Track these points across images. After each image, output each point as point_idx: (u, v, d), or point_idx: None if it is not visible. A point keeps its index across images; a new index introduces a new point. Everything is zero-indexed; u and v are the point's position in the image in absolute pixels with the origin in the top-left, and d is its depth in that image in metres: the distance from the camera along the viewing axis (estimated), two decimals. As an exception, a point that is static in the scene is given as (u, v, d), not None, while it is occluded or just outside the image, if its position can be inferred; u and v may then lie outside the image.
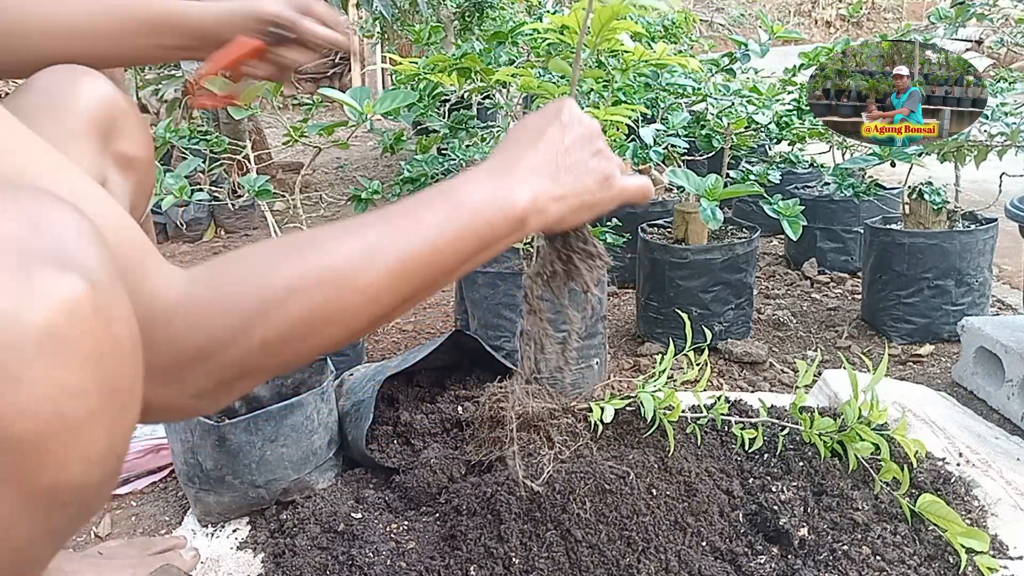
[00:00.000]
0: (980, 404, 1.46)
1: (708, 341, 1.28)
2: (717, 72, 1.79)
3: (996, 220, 1.74)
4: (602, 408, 1.15)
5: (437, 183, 0.62)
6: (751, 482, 1.08)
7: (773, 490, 1.02)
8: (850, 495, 1.02)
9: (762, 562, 0.93)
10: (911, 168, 1.75)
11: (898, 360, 1.70)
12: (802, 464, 1.09)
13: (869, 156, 1.69)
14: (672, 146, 1.73)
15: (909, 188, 1.79)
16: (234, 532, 1.13)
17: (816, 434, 1.09)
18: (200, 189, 1.59)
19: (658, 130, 1.63)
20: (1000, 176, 1.74)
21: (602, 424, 1.14)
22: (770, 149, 2.31)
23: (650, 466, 1.05)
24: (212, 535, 1.13)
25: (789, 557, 0.95)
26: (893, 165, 1.69)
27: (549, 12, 1.76)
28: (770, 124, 1.77)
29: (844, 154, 2.23)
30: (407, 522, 1.06)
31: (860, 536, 0.95)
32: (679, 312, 1.41)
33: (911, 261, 1.73)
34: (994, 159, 1.65)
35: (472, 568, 0.94)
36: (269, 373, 0.53)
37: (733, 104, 1.74)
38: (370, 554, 0.97)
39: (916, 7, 9.59)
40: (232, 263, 0.51)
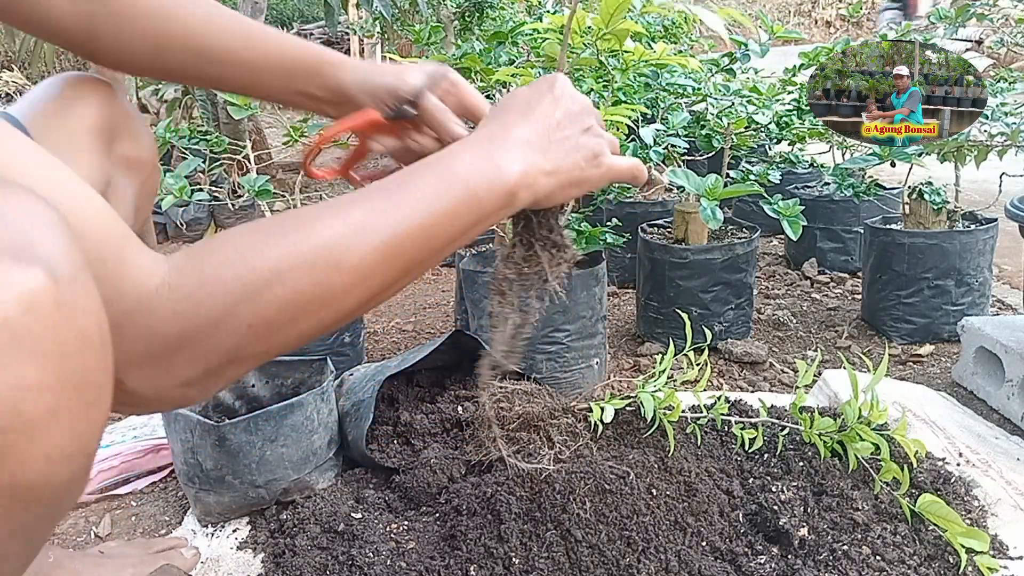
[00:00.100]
0: (980, 404, 1.46)
1: (708, 341, 1.28)
2: (717, 72, 1.79)
3: (996, 220, 1.74)
4: (602, 408, 1.15)
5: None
6: (751, 482, 1.08)
7: (773, 490, 1.02)
8: (850, 495, 1.02)
9: (762, 562, 0.93)
10: (911, 168, 1.75)
11: (898, 360, 1.70)
12: (802, 464, 1.09)
13: (869, 156, 1.69)
14: (672, 146, 1.73)
15: (909, 188, 1.79)
16: (234, 532, 1.13)
17: (816, 434, 1.09)
18: (200, 189, 1.59)
19: (658, 130, 1.62)
20: (1000, 176, 1.74)
21: (602, 424, 1.14)
22: (770, 149, 2.31)
23: (650, 466, 1.05)
24: (212, 535, 1.13)
25: (789, 557, 0.95)
26: (893, 165, 1.69)
27: (549, 12, 1.76)
28: (770, 124, 1.77)
29: (844, 154, 2.24)
30: (407, 522, 1.06)
31: (860, 536, 0.95)
32: (679, 312, 1.41)
33: (911, 261, 1.73)
34: (994, 159, 1.65)
35: (472, 568, 0.94)
36: (259, 359, 0.52)
37: (733, 104, 1.74)
38: (370, 554, 0.97)
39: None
40: (215, 247, 0.50)
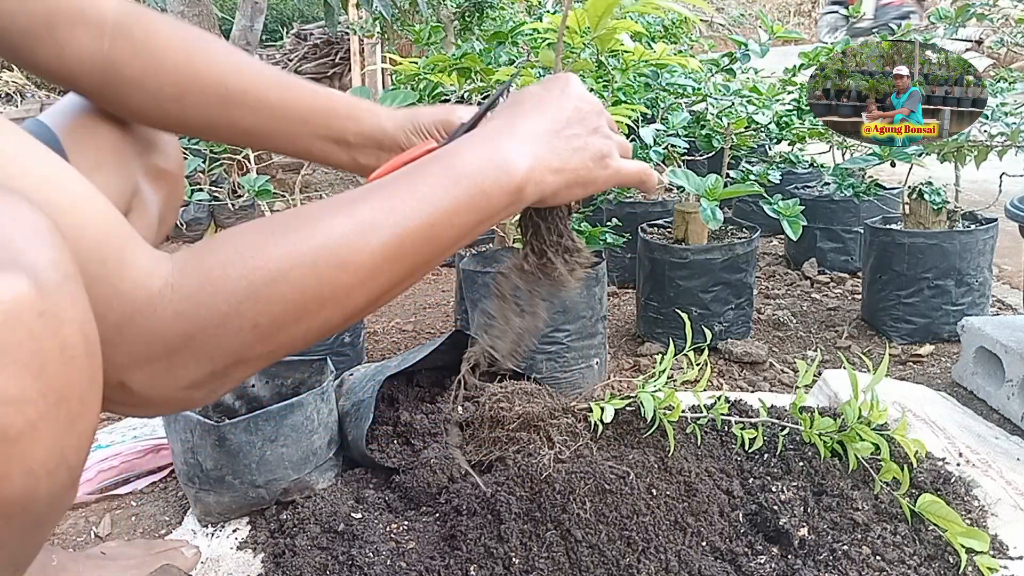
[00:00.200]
0: (980, 404, 1.46)
1: (708, 341, 1.28)
2: (717, 72, 1.79)
3: (996, 220, 1.74)
4: (602, 408, 1.15)
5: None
6: (751, 482, 1.08)
7: (773, 490, 1.02)
8: (850, 495, 1.02)
9: (762, 562, 0.93)
10: (911, 168, 1.75)
11: (898, 360, 1.70)
12: (802, 464, 1.09)
13: (869, 156, 1.70)
14: (672, 146, 1.73)
15: (909, 188, 1.79)
16: (234, 532, 1.13)
17: (816, 434, 1.09)
18: (200, 189, 1.59)
19: (658, 130, 1.63)
20: (1000, 176, 1.74)
21: (602, 424, 1.14)
22: (770, 149, 2.31)
23: (650, 466, 1.05)
24: (212, 535, 1.13)
25: (789, 557, 0.95)
26: (893, 165, 1.69)
27: (549, 12, 1.76)
28: (770, 124, 1.77)
29: (844, 154, 2.24)
30: (407, 522, 1.06)
31: (860, 536, 0.95)
32: (679, 312, 1.41)
33: (911, 261, 1.73)
34: (994, 159, 1.65)
35: (472, 568, 0.94)
36: (265, 360, 0.51)
37: (733, 104, 1.74)
38: (370, 554, 0.97)
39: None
40: (219, 246, 0.49)
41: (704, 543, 0.97)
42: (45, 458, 0.35)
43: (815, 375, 1.33)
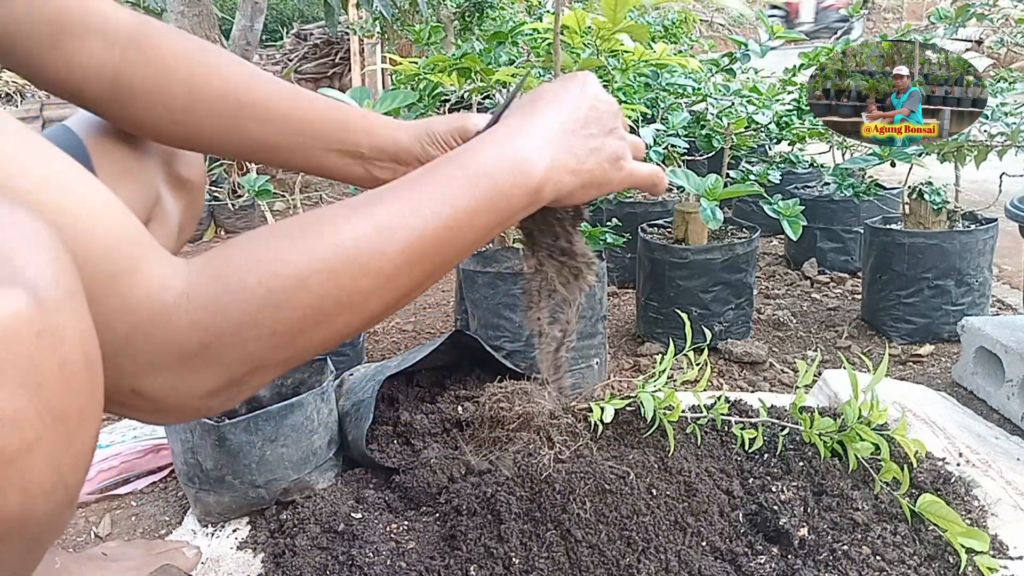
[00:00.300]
0: (980, 404, 1.46)
1: (708, 341, 1.28)
2: (717, 72, 1.79)
3: (996, 220, 1.74)
4: (602, 408, 1.15)
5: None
6: (751, 482, 1.08)
7: (773, 490, 1.02)
8: (850, 495, 1.02)
9: (762, 562, 0.93)
10: (911, 168, 1.75)
11: (898, 360, 1.70)
12: (802, 464, 1.09)
13: (869, 156, 1.70)
14: (672, 146, 1.73)
15: (909, 188, 1.79)
16: (234, 532, 1.13)
17: (816, 434, 1.09)
18: (200, 189, 1.58)
19: (658, 130, 1.63)
20: (1000, 176, 1.74)
21: (602, 424, 1.14)
22: (770, 149, 2.32)
23: (650, 466, 1.05)
24: (212, 535, 1.13)
25: (789, 557, 0.95)
26: (893, 165, 1.69)
27: (549, 12, 1.76)
28: (770, 124, 1.77)
29: (844, 154, 2.24)
30: (407, 522, 1.06)
31: (860, 536, 0.95)
32: (679, 312, 1.41)
33: (911, 261, 1.73)
34: (994, 159, 1.65)
35: (472, 568, 0.94)
36: (282, 367, 0.50)
37: (733, 104, 1.74)
38: (370, 554, 0.97)
39: (916, 7, 9.58)
40: (236, 253, 0.48)
41: (704, 543, 0.97)
42: (42, 478, 0.35)
43: (815, 375, 1.33)
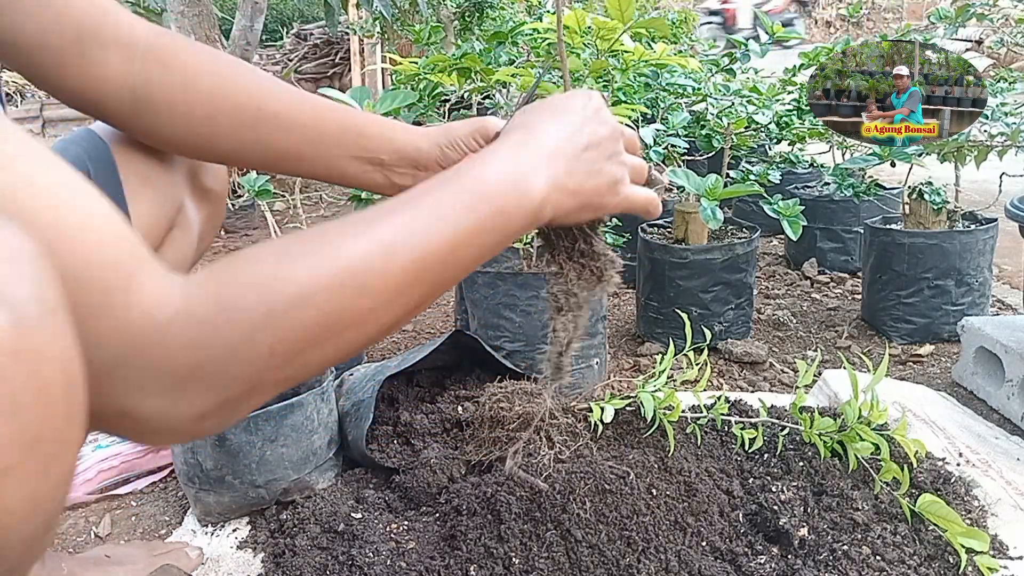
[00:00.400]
0: (980, 404, 1.46)
1: (708, 341, 1.28)
2: (717, 72, 1.79)
3: (996, 220, 1.74)
4: (602, 408, 1.15)
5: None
6: (751, 482, 1.08)
7: (773, 490, 1.02)
8: (850, 495, 1.02)
9: (762, 562, 0.93)
10: (911, 168, 1.75)
11: (898, 360, 1.70)
12: (802, 464, 1.09)
13: (869, 156, 1.70)
14: (672, 146, 1.73)
15: (909, 188, 1.79)
16: (234, 532, 1.13)
17: (816, 434, 1.09)
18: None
19: (658, 130, 1.63)
20: (1000, 176, 1.74)
21: (602, 424, 1.14)
22: (770, 149, 2.31)
23: (650, 466, 1.05)
24: (212, 535, 1.13)
25: (789, 557, 0.95)
26: (893, 165, 1.69)
27: (549, 12, 1.76)
28: (770, 124, 1.77)
29: (844, 154, 2.24)
30: (407, 522, 1.06)
31: (860, 536, 0.96)
32: (679, 312, 1.41)
33: (911, 261, 1.73)
34: (994, 159, 1.65)
35: (472, 568, 0.94)
36: (279, 387, 0.49)
37: (733, 104, 1.74)
38: (370, 554, 0.97)
39: (916, 7, 9.59)
40: (234, 269, 0.47)
41: (704, 543, 0.97)
42: (18, 504, 0.33)
43: (815, 375, 1.33)
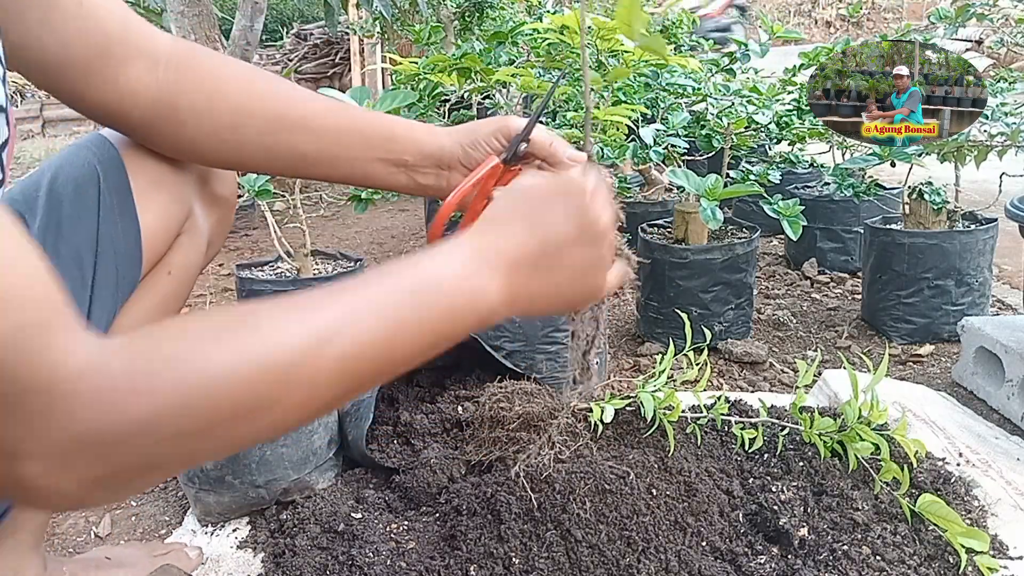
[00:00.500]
0: (980, 404, 1.46)
1: (708, 341, 1.28)
2: (717, 72, 1.79)
3: (996, 220, 1.74)
4: (602, 408, 1.15)
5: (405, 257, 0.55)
6: (751, 482, 1.08)
7: (773, 490, 1.02)
8: (850, 495, 1.02)
9: (762, 562, 0.93)
10: (911, 168, 1.75)
11: (898, 360, 1.70)
12: (802, 464, 1.09)
13: (869, 156, 1.70)
14: (672, 146, 1.73)
15: (909, 188, 1.79)
16: (234, 532, 1.13)
17: (816, 434, 1.09)
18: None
19: (658, 130, 1.63)
20: (1000, 176, 1.74)
21: (602, 424, 1.14)
22: (770, 149, 2.31)
23: (650, 466, 1.05)
24: (212, 535, 1.13)
25: (789, 557, 0.95)
26: (893, 165, 1.69)
27: (549, 12, 1.76)
28: (770, 124, 1.77)
29: (844, 154, 2.23)
30: (407, 522, 1.06)
31: (860, 536, 0.96)
32: (679, 312, 1.41)
33: (911, 261, 1.73)
34: (994, 159, 1.65)
35: (472, 568, 0.94)
36: (181, 467, 0.47)
37: (733, 104, 1.74)
38: (370, 554, 0.97)
39: (916, 7, 9.59)
40: (154, 340, 0.45)
41: (704, 543, 0.97)
42: None
43: (815, 375, 1.33)
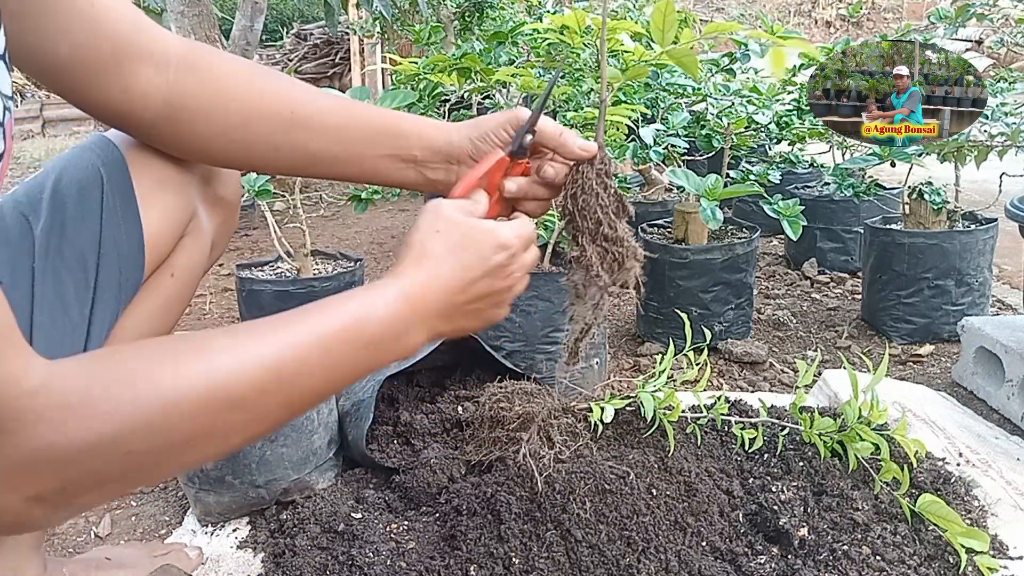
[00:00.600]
0: (980, 404, 1.46)
1: (708, 341, 1.28)
2: (717, 72, 1.79)
3: (996, 220, 1.74)
4: (602, 408, 1.15)
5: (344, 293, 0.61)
6: (751, 482, 1.08)
7: (773, 490, 1.02)
8: (850, 495, 1.02)
9: (762, 562, 0.93)
10: (911, 168, 1.75)
11: (898, 360, 1.70)
12: (802, 464, 1.09)
13: (869, 156, 1.70)
14: (672, 146, 1.73)
15: (909, 188, 1.79)
16: (234, 532, 1.13)
17: (816, 434, 1.09)
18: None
19: (658, 130, 1.63)
20: (1000, 176, 1.74)
21: (602, 424, 1.14)
22: (770, 149, 2.31)
23: (650, 466, 1.05)
24: (212, 535, 1.13)
25: (789, 557, 0.95)
26: (893, 165, 1.69)
27: (549, 12, 1.76)
28: (770, 124, 1.77)
29: (844, 154, 2.24)
30: (407, 522, 1.06)
31: (860, 536, 0.95)
32: (679, 312, 1.41)
33: (911, 261, 1.73)
34: (994, 159, 1.65)
35: (472, 568, 0.94)
36: (125, 488, 0.49)
37: (733, 104, 1.74)
38: (370, 554, 0.97)
39: (916, 7, 9.59)
40: (108, 363, 0.46)
41: (704, 543, 0.97)
42: None
43: (815, 375, 1.33)
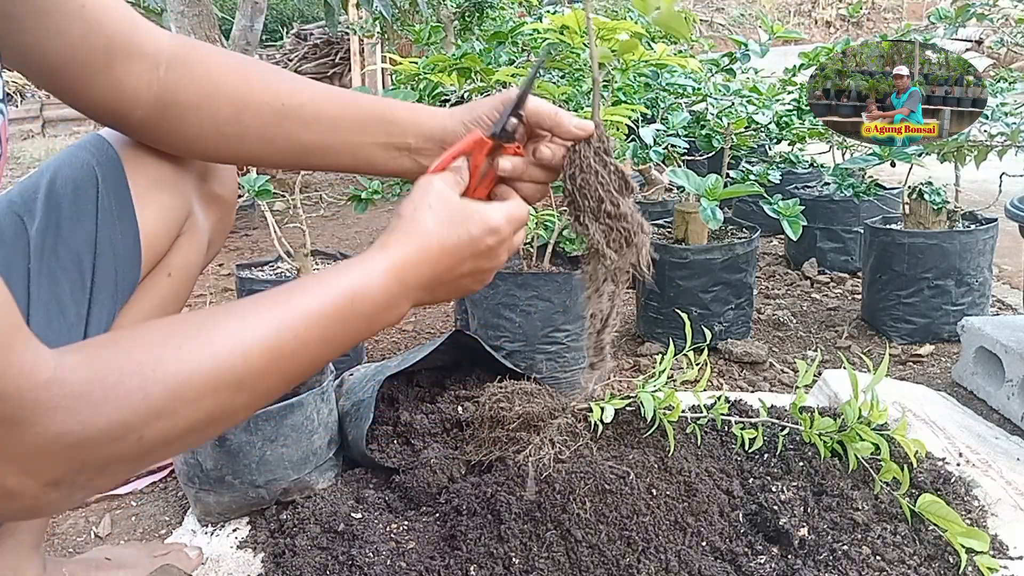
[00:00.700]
0: (980, 404, 1.46)
1: (708, 341, 1.28)
2: (717, 72, 1.79)
3: (996, 220, 1.74)
4: (602, 408, 1.15)
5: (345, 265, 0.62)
6: (751, 482, 1.08)
7: (773, 490, 1.02)
8: (850, 495, 1.02)
9: (762, 562, 0.93)
10: (911, 168, 1.75)
11: (898, 360, 1.70)
12: (802, 464, 1.09)
13: (869, 156, 1.70)
14: (672, 146, 1.73)
15: (909, 188, 1.79)
16: (234, 532, 1.13)
17: (816, 434, 1.09)
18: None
19: (658, 130, 1.62)
20: (1000, 176, 1.74)
21: (602, 424, 1.14)
22: (770, 149, 2.31)
23: (650, 466, 1.05)
24: (212, 535, 1.13)
25: (789, 557, 0.95)
26: (893, 165, 1.69)
27: (549, 12, 1.76)
28: (770, 124, 1.77)
29: (844, 154, 2.24)
30: (407, 522, 1.06)
31: (860, 536, 0.96)
32: (679, 312, 1.41)
33: (911, 261, 1.73)
34: (994, 159, 1.65)
35: (472, 568, 0.94)
36: (133, 471, 0.50)
37: (733, 104, 1.74)
38: (370, 554, 0.97)
39: (916, 7, 9.59)
40: (117, 349, 0.47)
41: (704, 543, 0.97)
42: None
43: (815, 375, 1.33)
